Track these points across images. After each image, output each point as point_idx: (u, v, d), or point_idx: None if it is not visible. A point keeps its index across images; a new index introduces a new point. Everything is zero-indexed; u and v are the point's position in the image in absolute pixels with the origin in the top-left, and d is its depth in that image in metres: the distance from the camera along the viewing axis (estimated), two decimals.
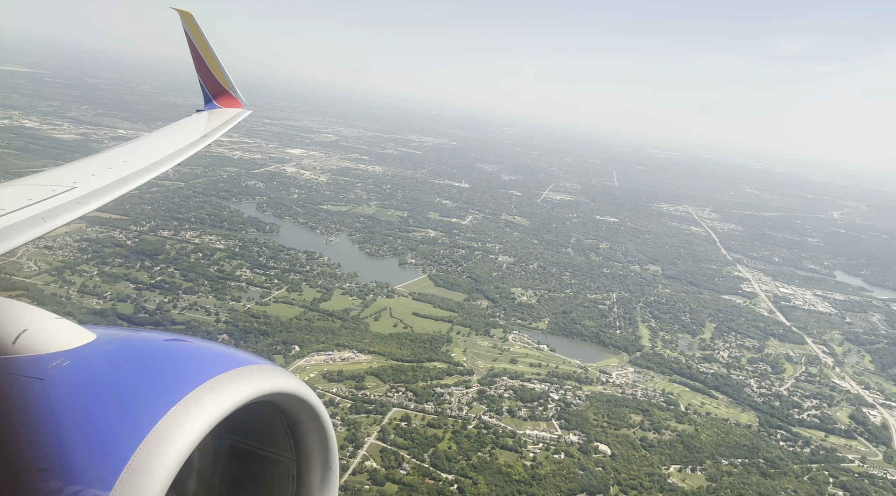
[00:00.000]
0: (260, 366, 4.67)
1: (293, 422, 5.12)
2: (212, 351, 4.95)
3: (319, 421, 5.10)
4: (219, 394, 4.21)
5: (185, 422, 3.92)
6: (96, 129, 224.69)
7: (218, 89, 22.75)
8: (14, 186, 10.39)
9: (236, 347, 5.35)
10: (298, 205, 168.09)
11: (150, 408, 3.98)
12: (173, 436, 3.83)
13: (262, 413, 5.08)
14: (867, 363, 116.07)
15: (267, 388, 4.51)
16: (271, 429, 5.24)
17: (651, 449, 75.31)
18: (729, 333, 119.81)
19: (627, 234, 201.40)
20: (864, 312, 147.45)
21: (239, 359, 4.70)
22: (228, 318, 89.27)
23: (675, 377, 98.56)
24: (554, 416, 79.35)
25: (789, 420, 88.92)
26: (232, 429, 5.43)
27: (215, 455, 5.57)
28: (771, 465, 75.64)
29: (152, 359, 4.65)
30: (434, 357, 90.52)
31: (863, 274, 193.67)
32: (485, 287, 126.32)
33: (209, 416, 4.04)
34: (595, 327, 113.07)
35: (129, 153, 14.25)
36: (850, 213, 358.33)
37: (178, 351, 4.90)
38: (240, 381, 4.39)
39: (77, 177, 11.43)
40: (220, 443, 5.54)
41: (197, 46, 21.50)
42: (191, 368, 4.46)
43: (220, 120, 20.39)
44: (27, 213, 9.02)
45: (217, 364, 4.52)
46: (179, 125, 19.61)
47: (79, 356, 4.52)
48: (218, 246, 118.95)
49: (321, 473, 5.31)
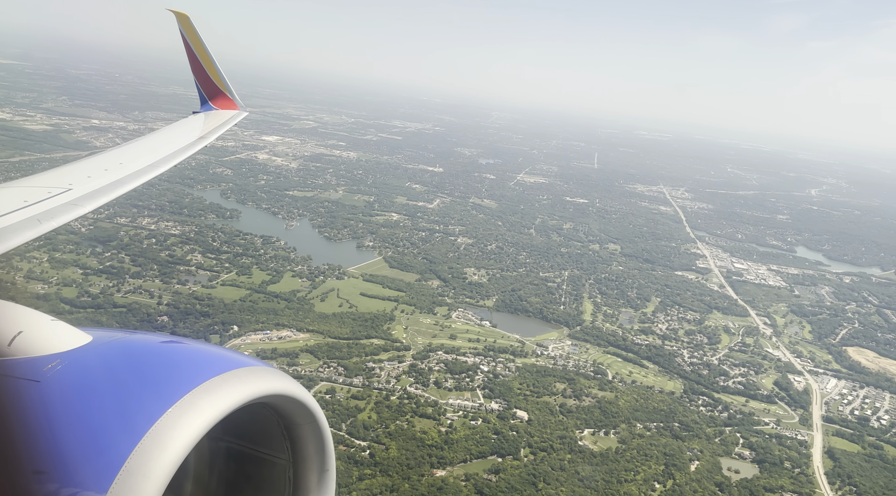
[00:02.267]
0: (256, 368, 4.73)
1: (290, 423, 5.17)
2: (208, 353, 5.02)
3: (316, 423, 5.14)
4: (215, 396, 4.23)
5: (182, 425, 3.95)
6: (69, 119, 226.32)
7: (214, 91, 23.12)
8: (10, 188, 10.63)
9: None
10: (264, 191, 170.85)
11: (147, 411, 4.01)
12: (169, 438, 3.86)
13: (259, 415, 5.11)
14: (806, 333, 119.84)
15: (263, 390, 4.55)
16: (268, 430, 5.28)
17: (569, 414, 79.01)
18: (672, 307, 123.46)
19: (594, 215, 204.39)
20: (814, 285, 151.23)
21: (235, 362, 4.77)
22: (171, 301, 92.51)
23: (609, 349, 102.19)
24: (479, 386, 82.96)
25: (714, 387, 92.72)
26: (228, 431, 5.42)
27: (212, 457, 5.59)
28: (685, 428, 79.49)
29: (148, 361, 4.70)
30: (373, 334, 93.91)
31: (824, 249, 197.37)
32: (438, 268, 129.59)
33: (205, 418, 4.06)
34: (540, 304, 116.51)
35: (125, 155, 14.58)
36: (828, 191, 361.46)
37: (174, 353, 4.95)
38: (236, 383, 4.43)
39: (73, 178, 11.65)
40: (217, 445, 5.56)
41: (193, 48, 21.82)
42: (187, 370, 4.50)
43: (217, 122, 20.81)
44: (23, 214, 9.11)
45: (213, 366, 4.57)
46: (176, 127, 20.14)
47: (75, 358, 4.56)
48: (173, 232, 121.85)
49: (318, 475, 5.34)
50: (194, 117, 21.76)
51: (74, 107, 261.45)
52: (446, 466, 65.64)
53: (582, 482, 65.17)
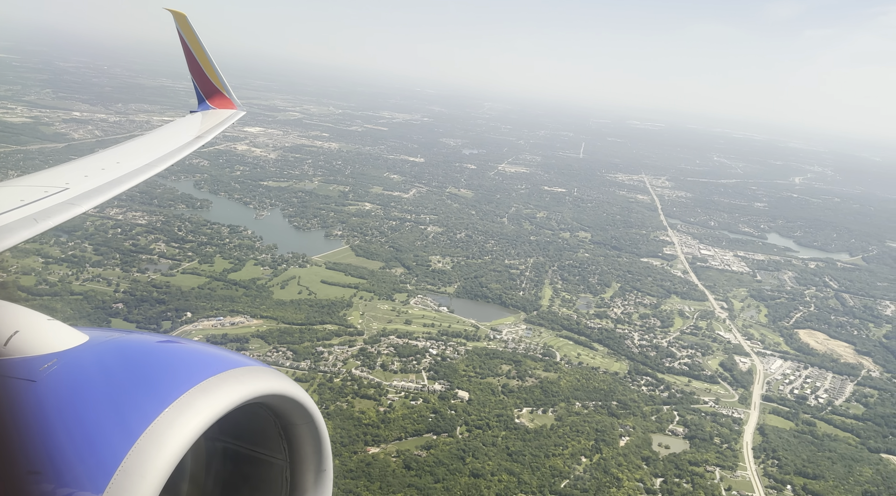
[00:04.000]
0: (253, 368, 4.75)
1: (287, 423, 5.18)
2: (205, 353, 5.02)
3: (313, 423, 5.16)
4: (211, 396, 4.24)
5: (178, 425, 3.96)
6: (50, 112, 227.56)
7: (211, 90, 22.98)
8: (6, 187, 10.63)
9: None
10: (238, 181, 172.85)
11: (143, 411, 4.02)
12: (166, 438, 3.87)
13: (256, 415, 5.12)
14: (762, 317, 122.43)
15: (260, 390, 4.56)
16: (265, 431, 5.28)
17: (510, 394, 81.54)
18: (631, 292, 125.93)
19: (569, 204, 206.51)
20: (778, 271, 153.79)
21: (232, 361, 4.78)
22: (128, 288, 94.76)
23: (563, 332, 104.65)
24: (425, 369, 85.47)
25: (659, 368, 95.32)
26: (225, 432, 5.41)
27: (208, 457, 5.60)
28: (622, 407, 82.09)
29: (145, 361, 4.72)
30: (328, 320, 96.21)
31: (795, 235, 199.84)
32: (404, 255, 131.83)
33: (202, 418, 4.07)
34: (500, 290, 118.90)
35: (123, 154, 14.68)
36: (812, 179, 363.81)
37: (170, 353, 4.98)
38: (233, 383, 4.44)
39: (70, 178, 11.66)
40: (214, 445, 5.57)
41: (190, 47, 21.70)
42: (183, 370, 4.52)
43: (214, 121, 20.74)
44: (19, 213, 9.12)
45: (210, 366, 4.59)
46: (173, 126, 20.26)
47: (71, 358, 4.56)
48: (140, 222, 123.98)
49: (315, 475, 5.35)
50: (191, 116, 21.78)
51: (58, 99, 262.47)
52: (381, 444, 68.15)
53: (510, 456, 67.75)
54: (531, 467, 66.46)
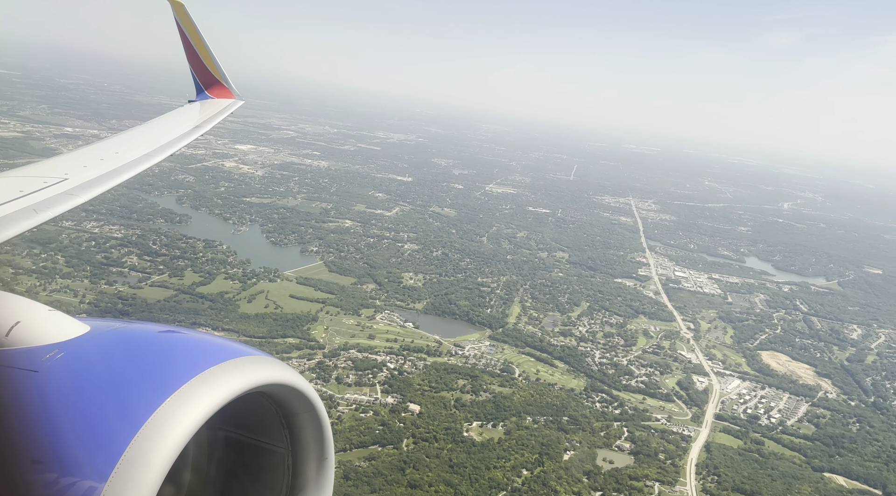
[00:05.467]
0: (255, 358, 4.79)
1: (288, 412, 5.22)
2: (207, 342, 5.04)
3: (315, 411, 5.20)
4: (213, 385, 4.29)
5: (180, 414, 4.00)
6: (42, 127, 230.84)
7: (210, 80, 23.22)
8: (6, 178, 10.60)
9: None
10: (221, 197, 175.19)
11: (145, 400, 4.05)
12: (168, 427, 3.90)
13: (258, 404, 5.16)
14: (727, 338, 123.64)
15: (262, 379, 4.61)
16: (266, 419, 5.33)
17: (462, 408, 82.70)
18: (599, 311, 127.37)
19: (551, 225, 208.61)
20: (750, 293, 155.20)
21: (234, 351, 4.81)
22: (93, 300, 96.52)
23: (525, 349, 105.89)
24: (380, 382, 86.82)
25: (616, 385, 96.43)
26: (227, 421, 5.45)
27: (211, 446, 5.64)
28: (573, 422, 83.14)
29: (146, 351, 4.75)
30: (290, 334, 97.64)
31: (774, 259, 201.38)
32: (377, 272, 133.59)
33: (204, 408, 4.11)
34: (468, 307, 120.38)
35: (122, 144, 14.64)
36: (801, 204, 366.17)
37: (172, 342, 5.01)
38: (234, 372, 4.47)
39: (69, 168, 11.64)
40: (216, 434, 5.62)
41: (189, 37, 21.78)
42: (185, 360, 4.55)
43: (213, 110, 20.90)
44: (19, 204, 9.09)
45: (212, 355, 4.62)
46: (172, 116, 20.15)
47: (72, 348, 4.60)
48: (116, 235, 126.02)
49: (316, 463, 5.42)
50: (190, 106, 21.86)
51: (52, 115, 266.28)
52: None
53: (451, 468, 68.81)
54: (470, 479, 67.53)
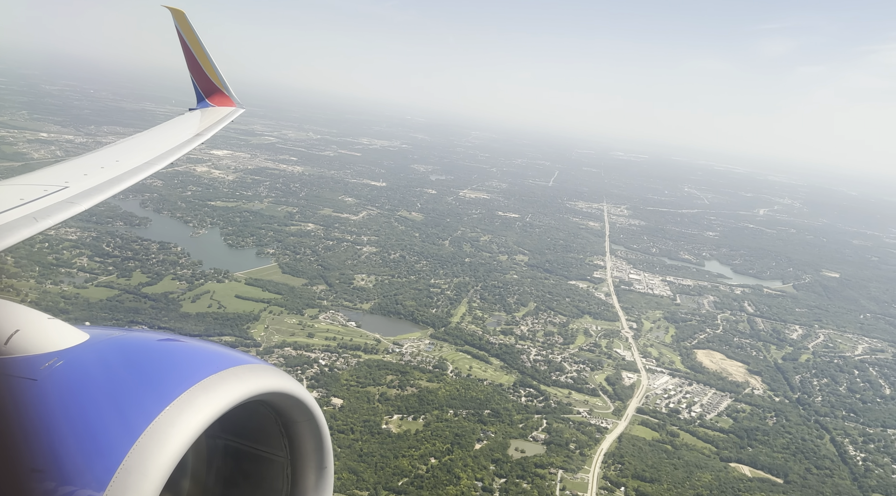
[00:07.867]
0: (254, 366, 4.83)
1: (288, 421, 5.25)
2: (206, 351, 5.05)
3: (314, 420, 5.25)
4: (213, 393, 4.30)
5: (180, 422, 4.00)
6: (17, 132, 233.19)
7: (210, 88, 23.22)
8: (5, 186, 10.62)
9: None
10: (186, 201, 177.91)
11: (144, 409, 4.05)
12: (167, 435, 3.91)
13: (257, 412, 5.20)
14: (667, 337, 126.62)
15: (261, 388, 4.64)
16: (266, 428, 5.36)
17: (386, 402, 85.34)
18: (545, 311, 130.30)
19: (517, 229, 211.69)
20: (700, 295, 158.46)
21: (233, 359, 4.84)
22: (35, 299, 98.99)
23: (464, 347, 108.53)
24: (308, 378, 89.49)
25: (545, 380, 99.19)
26: (226, 429, 5.48)
27: (210, 455, 5.66)
28: (494, 415, 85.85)
29: (146, 359, 4.77)
30: (226, 333, 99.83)
31: (734, 263, 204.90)
32: (330, 274, 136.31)
33: (203, 416, 4.13)
34: (413, 307, 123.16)
35: (122, 152, 14.80)
36: (777, 211, 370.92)
37: (171, 351, 5.01)
38: (234, 381, 4.50)
39: (69, 176, 11.72)
40: (215, 442, 5.63)
41: (189, 45, 21.95)
42: (185, 368, 4.57)
43: (213, 118, 20.94)
44: (19, 212, 9.08)
45: (211, 364, 4.64)
46: (172, 124, 20.21)
47: (72, 356, 4.61)
48: (71, 237, 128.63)
49: (316, 473, 5.44)
50: (191, 114, 22.00)
51: (31, 121, 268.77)
52: None
53: (360, 457, 71.48)
54: (376, 467, 70.22)
